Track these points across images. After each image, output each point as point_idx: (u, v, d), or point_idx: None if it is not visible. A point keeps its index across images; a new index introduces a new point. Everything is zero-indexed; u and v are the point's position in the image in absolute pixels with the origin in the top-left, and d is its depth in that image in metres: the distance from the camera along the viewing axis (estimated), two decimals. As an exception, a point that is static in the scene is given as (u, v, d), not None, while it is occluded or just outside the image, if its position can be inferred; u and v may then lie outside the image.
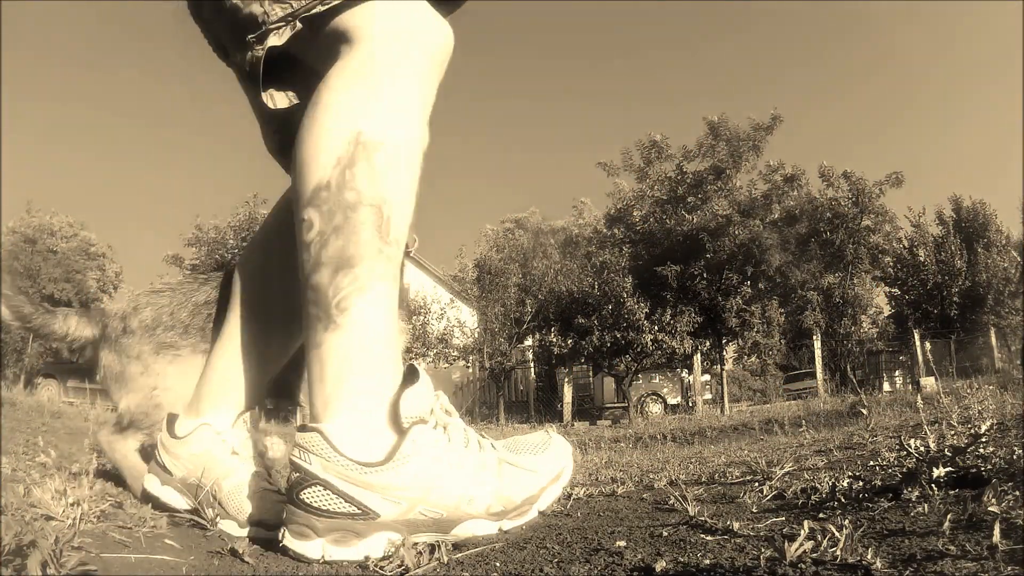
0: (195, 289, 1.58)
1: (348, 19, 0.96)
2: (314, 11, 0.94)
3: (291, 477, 0.98)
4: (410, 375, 0.98)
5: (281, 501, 1.02)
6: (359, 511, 0.94)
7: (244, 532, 1.15)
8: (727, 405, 18.14)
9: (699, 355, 19.17)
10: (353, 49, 0.95)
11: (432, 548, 0.99)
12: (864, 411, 3.72)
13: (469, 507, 0.98)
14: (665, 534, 1.16)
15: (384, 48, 0.94)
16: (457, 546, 1.02)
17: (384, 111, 0.92)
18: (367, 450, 0.95)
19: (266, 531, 1.10)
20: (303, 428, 0.98)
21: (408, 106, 0.95)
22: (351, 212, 0.89)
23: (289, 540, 0.96)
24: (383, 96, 0.93)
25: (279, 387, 1.54)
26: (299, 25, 0.95)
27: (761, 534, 1.08)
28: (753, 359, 23.30)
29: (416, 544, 0.97)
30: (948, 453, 1.32)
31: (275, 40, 0.96)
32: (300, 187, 0.91)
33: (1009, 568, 0.75)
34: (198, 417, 1.27)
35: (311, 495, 0.95)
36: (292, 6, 0.95)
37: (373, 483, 0.94)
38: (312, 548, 0.95)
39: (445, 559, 0.98)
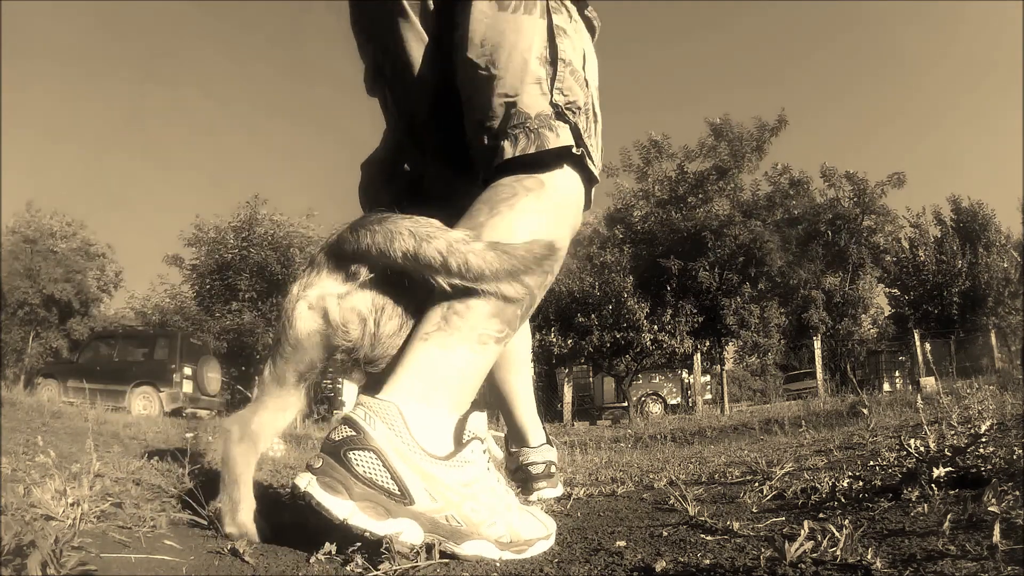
0: None
1: (566, 174, 1.23)
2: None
3: (341, 433, 0.99)
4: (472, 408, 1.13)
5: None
6: (398, 492, 0.97)
7: None
8: (727, 405, 18.11)
9: (699, 355, 19.15)
10: (560, 186, 1.22)
11: (428, 548, 0.99)
12: (864, 411, 3.71)
13: (487, 530, 1.02)
14: (665, 534, 1.16)
15: (576, 203, 1.27)
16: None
17: (567, 241, 1.25)
18: (430, 444, 1.02)
19: None
20: (368, 393, 1.03)
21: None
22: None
23: (315, 488, 0.95)
24: (568, 232, 1.26)
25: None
26: (576, 151, 1.20)
27: (761, 534, 1.08)
28: (753, 359, 23.29)
29: (415, 543, 0.97)
30: (948, 453, 1.32)
31: (554, 141, 1.18)
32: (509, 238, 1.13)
33: (1009, 568, 0.75)
34: None
35: (359, 458, 0.96)
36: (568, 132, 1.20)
37: (427, 471, 0.99)
38: (341, 506, 0.94)
39: (436, 558, 0.98)
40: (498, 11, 1.25)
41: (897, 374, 21.35)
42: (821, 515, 1.20)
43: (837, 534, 0.90)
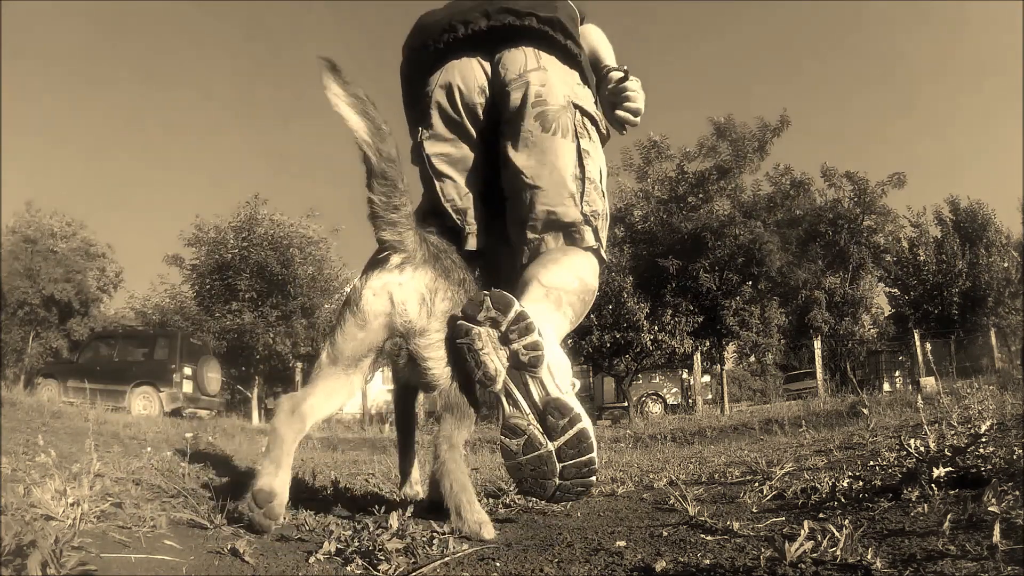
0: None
1: (594, 253, 1.69)
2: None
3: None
4: None
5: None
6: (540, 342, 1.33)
7: None
8: (727, 405, 18.10)
9: (699, 355, 19.13)
10: (591, 256, 1.67)
11: (432, 539, 0.98)
12: (864, 411, 3.71)
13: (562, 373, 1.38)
14: (665, 534, 1.16)
15: (598, 270, 1.70)
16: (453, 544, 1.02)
17: (596, 288, 1.67)
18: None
19: None
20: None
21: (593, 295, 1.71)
22: (579, 304, 1.59)
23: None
24: (596, 283, 1.67)
25: None
26: (595, 246, 1.68)
27: (761, 534, 1.08)
28: (752, 359, 23.28)
29: (415, 535, 0.97)
30: (948, 453, 1.32)
31: (581, 243, 1.66)
32: (568, 270, 1.59)
33: (1009, 568, 0.75)
34: None
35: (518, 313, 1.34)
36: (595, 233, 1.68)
37: (545, 342, 1.35)
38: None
39: (450, 547, 0.98)
40: (542, 131, 1.60)
41: (897, 374, 21.34)
42: (821, 515, 1.20)
43: (837, 534, 0.90)
